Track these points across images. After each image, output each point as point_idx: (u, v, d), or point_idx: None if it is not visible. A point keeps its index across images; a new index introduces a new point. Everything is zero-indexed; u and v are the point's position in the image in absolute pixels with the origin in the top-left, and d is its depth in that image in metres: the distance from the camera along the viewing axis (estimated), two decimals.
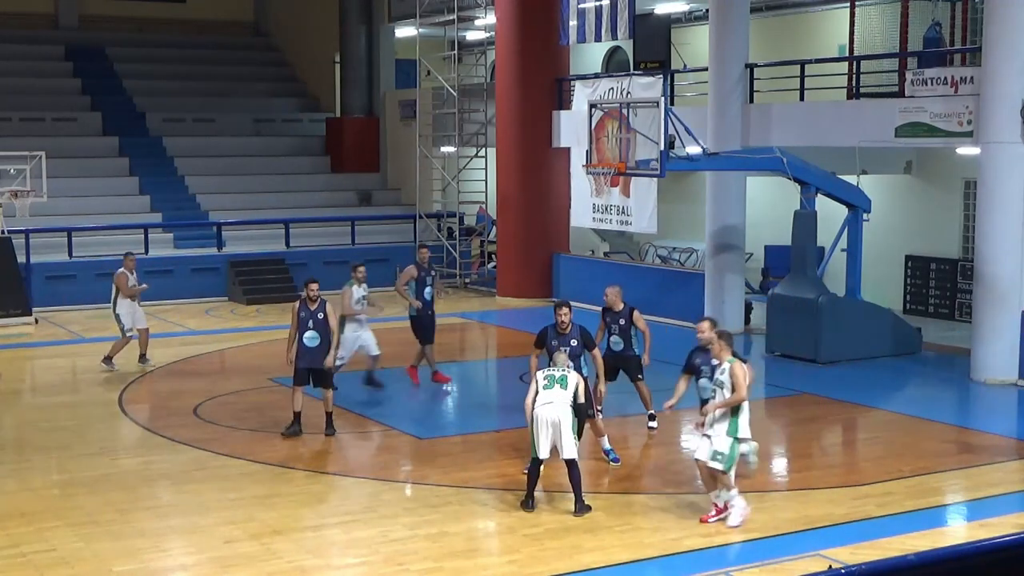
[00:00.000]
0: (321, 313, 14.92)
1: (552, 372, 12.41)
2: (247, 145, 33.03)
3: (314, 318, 14.92)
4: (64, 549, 11.17)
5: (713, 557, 10.95)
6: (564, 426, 12.10)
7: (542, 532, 11.61)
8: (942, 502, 12.96)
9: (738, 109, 21.98)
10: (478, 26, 31.19)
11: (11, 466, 14.02)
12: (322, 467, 13.83)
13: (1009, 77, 17.61)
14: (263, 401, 17.09)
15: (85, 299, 25.68)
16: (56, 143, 28.53)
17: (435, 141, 30.47)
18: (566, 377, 12.32)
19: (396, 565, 10.79)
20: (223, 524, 11.97)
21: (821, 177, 19.97)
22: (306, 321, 14.93)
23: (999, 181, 17.88)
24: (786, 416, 16.79)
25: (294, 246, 28.50)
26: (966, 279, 22.24)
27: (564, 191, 26.32)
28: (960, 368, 18.72)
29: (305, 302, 14.99)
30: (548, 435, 12.12)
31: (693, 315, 22.74)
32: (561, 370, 12.44)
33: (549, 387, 12.25)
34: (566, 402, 12.18)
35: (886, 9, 23.34)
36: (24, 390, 19.21)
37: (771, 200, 24.77)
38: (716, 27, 22.20)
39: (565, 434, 12.08)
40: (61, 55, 34.52)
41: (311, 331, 14.91)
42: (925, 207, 24.03)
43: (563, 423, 12.09)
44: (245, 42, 38.21)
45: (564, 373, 12.38)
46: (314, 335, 14.93)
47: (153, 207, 29.25)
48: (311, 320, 14.92)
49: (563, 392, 12.20)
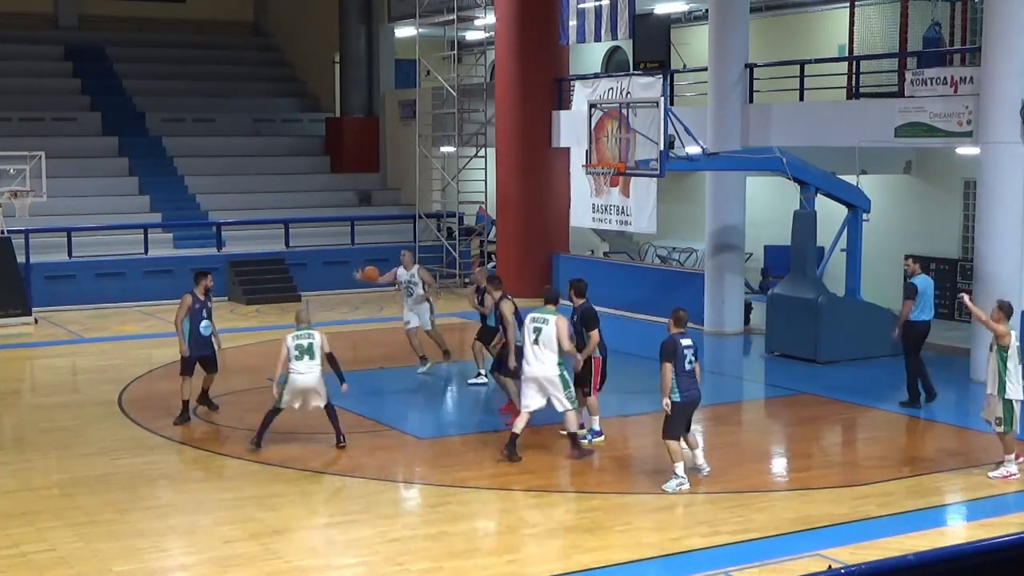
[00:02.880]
0: (211, 303, 16.05)
1: (536, 321, 13.93)
2: (247, 145, 33.03)
3: (207, 308, 15.91)
4: (64, 549, 11.18)
5: (713, 557, 10.95)
6: (553, 382, 13.70)
7: (542, 532, 11.61)
8: (942, 502, 12.95)
9: (738, 109, 21.98)
10: (478, 26, 31.19)
11: (11, 466, 14.02)
12: (321, 467, 13.82)
13: (1008, 77, 17.60)
14: (262, 401, 17.05)
15: (85, 299, 25.72)
16: (56, 143, 28.52)
17: (435, 141, 30.47)
18: (541, 328, 13.76)
19: (395, 565, 10.79)
20: (222, 524, 11.97)
21: (821, 177, 19.97)
22: (200, 311, 15.81)
23: (999, 181, 17.88)
24: (786, 416, 16.80)
25: (294, 246, 28.50)
26: (966, 279, 22.22)
27: (564, 191, 26.32)
28: (960, 368, 18.72)
29: (196, 293, 15.87)
30: (537, 391, 13.82)
31: (693, 316, 22.72)
32: (542, 319, 13.88)
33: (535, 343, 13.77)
34: (552, 360, 13.68)
35: (886, 9, 23.33)
36: (24, 390, 19.23)
37: (771, 200, 24.77)
38: (716, 27, 22.20)
39: (555, 390, 13.71)
40: (61, 55, 34.53)
41: (206, 320, 15.86)
42: (925, 207, 24.03)
43: (551, 379, 13.72)
44: (245, 42, 38.22)
45: (540, 324, 13.82)
46: (208, 324, 15.89)
47: (153, 207, 29.25)
48: (204, 310, 15.84)
49: (546, 351, 13.70)
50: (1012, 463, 13.26)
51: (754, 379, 19.81)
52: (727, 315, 22.46)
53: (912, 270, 16.89)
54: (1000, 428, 13.21)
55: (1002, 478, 13.19)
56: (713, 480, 13.56)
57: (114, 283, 26.22)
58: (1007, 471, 13.24)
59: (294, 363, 14.12)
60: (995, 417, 13.21)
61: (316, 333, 14.33)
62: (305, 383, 14.20)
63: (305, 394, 14.29)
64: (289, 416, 15.56)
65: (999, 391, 13.10)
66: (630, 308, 23.77)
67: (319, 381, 14.28)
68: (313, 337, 14.22)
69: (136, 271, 26.50)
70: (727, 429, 16.25)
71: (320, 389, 14.32)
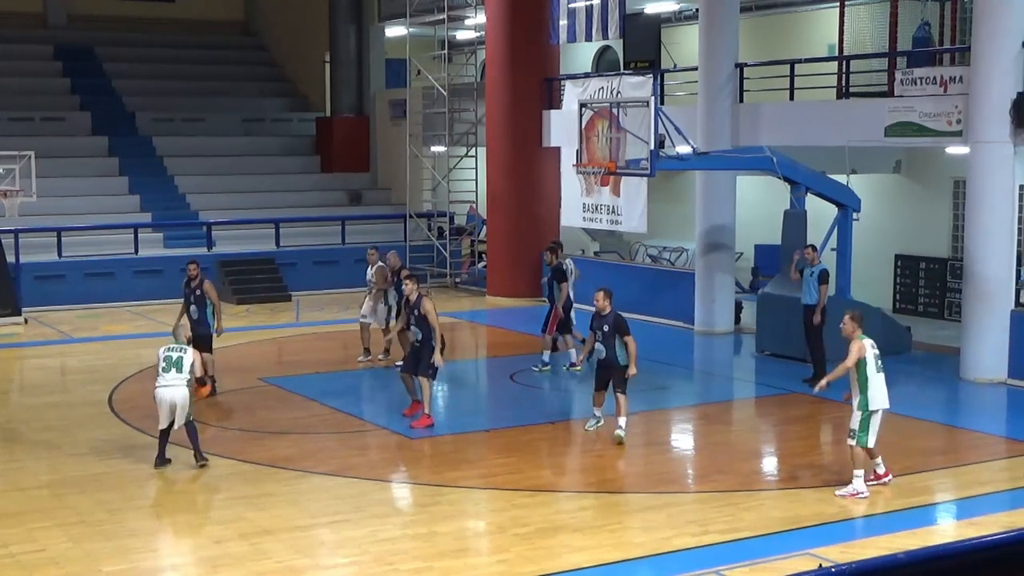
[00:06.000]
0: (199, 290, 17.10)
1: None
2: (237, 145, 32.97)
3: (194, 294, 17.04)
4: (54, 549, 11.15)
5: (703, 556, 10.95)
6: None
7: (532, 532, 11.61)
8: (931, 501, 12.98)
9: (728, 108, 21.99)
10: (468, 26, 31.19)
11: (0, 466, 13.98)
12: (311, 467, 13.80)
13: (998, 77, 17.64)
14: (253, 401, 17.07)
15: (74, 299, 25.68)
16: (45, 143, 28.43)
17: (425, 141, 30.45)
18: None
19: (386, 565, 10.78)
20: (213, 524, 11.97)
21: (811, 176, 20.00)
22: (188, 297, 17.14)
23: (988, 180, 17.92)
24: (776, 415, 16.82)
25: (284, 246, 28.46)
26: (955, 278, 22.28)
27: (554, 190, 26.33)
28: (949, 367, 18.77)
29: (188, 281, 17.25)
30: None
31: (684, 315, 22.90)
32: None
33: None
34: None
35: (875, 9, 23.36)
36: (13, 390, 19.18)
37: (761, 199, 24.78)
38: (706, 27, 22.21)
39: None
40: (50, 54, 34.43)
41: (193, 306, 17.08)
42: (914, 206, 24.07)
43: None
44: (235, 42, 38.14)
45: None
46: (195, 309, 17.09)
47: (143, 207, 29.19)
48: (192, 296, 17.07)
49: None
50: (862, 481, 12.52)
51: (744, 378, 19.83)
52: (717, 314, 22.48)
53: (812, 259, 18.09)
54: (852, 441, 12.50)
55: (850, 496, 12.46)
56: (703, 479, 13.60)
57: (104, 283, 26.18)
58: (855, 489, 12.50)
59: (160, 376, 13.72)
60: (850, 429, 12.54)
61: (190, 350, 13.94)
62: (169, 396, 13.64)
63: (172, 408, 13.66)
64: (279, 417, 15.55)
65: (860, 404, 12.49)
66: (620, 308, 23.59)
67: (184, 398, 13.66)
68: (185, 352, 13.83)
69: (126, 271, 26.45)
70: (717, 428, 16.27)
71: (184, 406, 13.67)
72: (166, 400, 13.66)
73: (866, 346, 12.64)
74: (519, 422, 16.18)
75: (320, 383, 18.27)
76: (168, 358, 13.79)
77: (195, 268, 17.45)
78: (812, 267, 18.09)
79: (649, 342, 20.88)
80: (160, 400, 13.71)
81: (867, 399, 12.51)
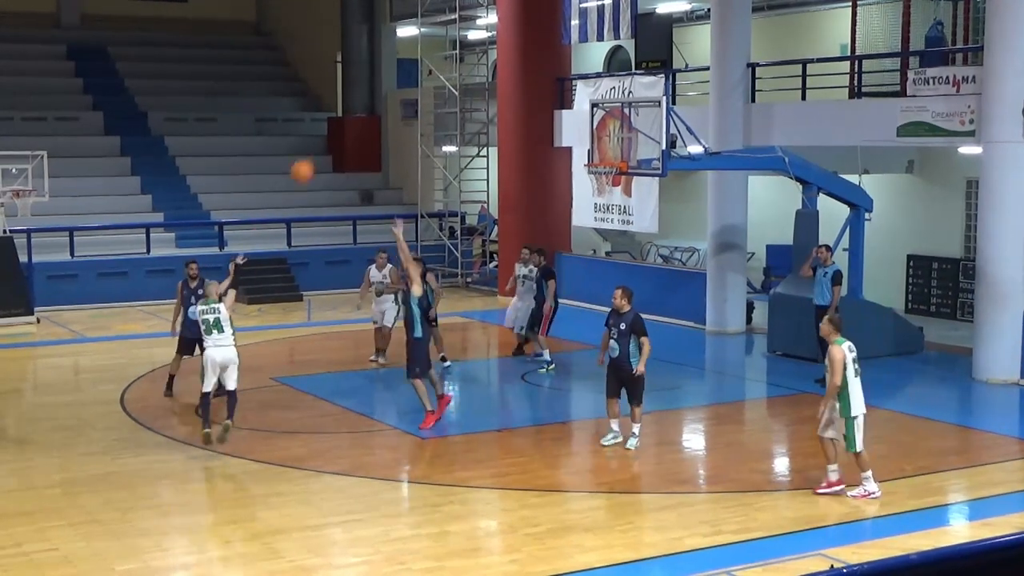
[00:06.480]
0: (201, 289, 16.52)
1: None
2: (249, 144, 33.01)
3: (196, 294, 16.68)
4: (66, 548, 11.17)
5: (715, 556, 10.93)
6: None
7: (544, 531, 11.60)
8: (944, 501, 12.95)
9: (740, 108, 21.96)
10: (480, 25, 31.19)
11: (13, 465, 14.02)
12: (323, 466, 13.80)
13: (1011, 76, 17.59)
14: (264, 400, 17.08)
15: (87, 299, 25.73)
16: (58, 143, 28.51)
17: (437, 140, 30.46)
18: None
19: (397, 564, 10.78)
20: (224, 523, 11.98)
21: (823, 176, 19.96)
22: (189, 298, 16.81)
23: (1001, 180, 17.87)
24: (788, 415, 16.78)
25: (296, 245, 28.49)
26: (968, 279, 22.21)
27: (566, 190, 26.32)
28: (962, 368, 18.71)
29: (187, 281, 17.12)
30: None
31: (695, 315, 22.87)
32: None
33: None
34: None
35: (888, 8, 23.33)
36: (26, 389, 19.23)
37: (773, 199, 24.76)
38: (718, 26, 22.18)
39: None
40: (63, 54, 34.52)
41: (195, 305, 16.38)
42: (927, 207, 24.01)
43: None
44: (247, 41, 38.19)
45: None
46: (195, 309, 16.51)
47: (155, 207, 29.24)
48: (193, 296, 16.72)
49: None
50: (871, 481, 12.50)
51: (756, 378, 19.80)
52: (729, 314, 22.45)
53: (825, 259, 18.12)
54: (849, 449, 12.44)
55: (862, 497, 12.45)
56: (715, 479, 13.58)
57: (116, 282, 26.22)
58: (866, 490, 12.48)
59: (206, 338, 14.35)
60: (841, 435, 12.44)
61: (221, 307, 14.46)
62: (220, 356, 14.26)
63: (222, 368, 14.30)
64: (291, 416, 15.57)
65: (842, 411, 12.39)
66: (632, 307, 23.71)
67: (234, 356, 14.37)
68: (219, 311, 14.38)
69: (138, 271, 26.49)
70: (729, 428, 16.25)
71: (233, 365, 14.34)
72: (216, 360, 14.17)
73: (845, 351, 12.48)
74: (530, 422, 16.17)
75: (332, 383, 18.29)
76: (206, 321, 14.35)
77: (196, 268, 17.56)
78: (825, 267, 18.06)
79: (661, 342, 20.79)
80: (209, 360, 14.22)
81: (848, 405, 12.41)
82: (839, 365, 12.32)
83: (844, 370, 12.35)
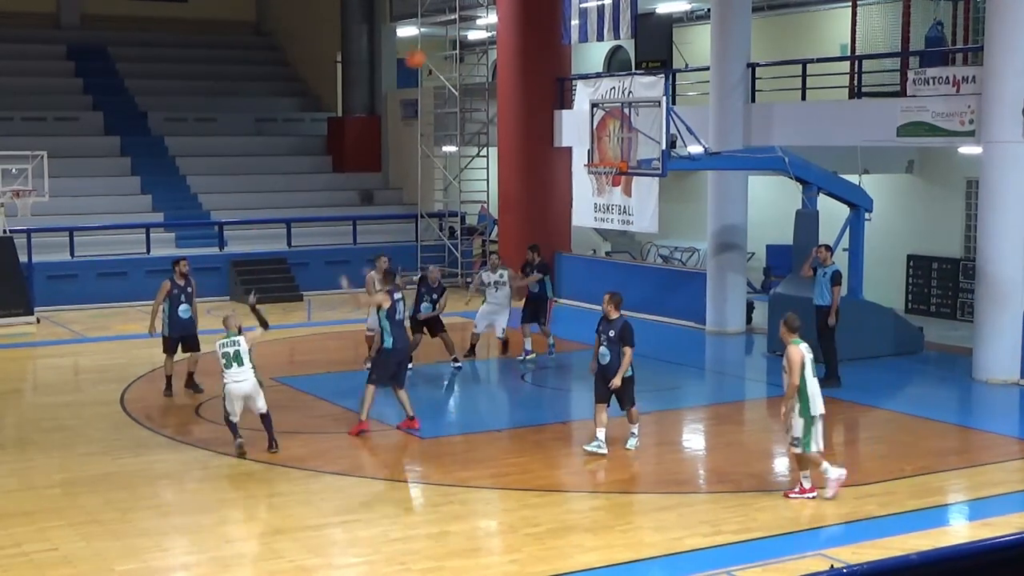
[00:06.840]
0: (190, 288, 16.95)
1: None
2: (249, 145, 33.02)
3: (185, 292, 16.89)
4: (66, 548, 11.17)
5: (715, 556, 10.94)
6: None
7: (544, 531, 11.60)
8: (944, 502, 12.95)
9: (740, 108, 21.96)
10: (480, 25, 31.19)
11: (13, 465, 14.02)
12: (323, 466, 13.80)
13: (1011, 76, 17.59)
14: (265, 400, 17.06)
15: (87, 299, 25.73)
16: (58, 143, 28.51)
17: (437, 140, 30.46)
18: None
19: (398, 564, 10.78)
20: (224, 523, 11.98)
21: (823, 176, 19.96)
22: (179, 296, 16.87)
23: (1001, 180, 17.87)
24: None
25: (296, 246, 28.50)
26: (968, 279, 22.21)
27: (565, 190, 26.32)
28: (962, 368, 18.72)
29: (175, 279, 16.96)
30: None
31: (695, 315, 22.87)
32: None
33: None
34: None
35: (888, 8, 23.33)
36: (26, 389, 19.23)
37: (773, 199, 24.76)
38: (718, 26, 22.18)
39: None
40: (63, 55, 34.52)
41: (184, 304, 16.94)
42: (927, 207, 24.01)
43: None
44: (247, 41, 38.20)
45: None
46: (187, 308, 17.03)
47: (155, 207, 29.24)
48: (183, 295, 16.86)
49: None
50: (808, 480, 12.47)
51: (756, 378, 19.78)
52: (729, 314, 22.45)
53: (825, 259, 18.07)
54: (797, 449, 12.41)
55: (801, 495, 12.42)
56: (715, 479, 13.57)
57: (116, 283, 26.21)
58: (802, 487, 12.47)
59: (225, 372, 14.03)
60: (793, 437, 12.41)
61: (241, 339, 14.13)
62: (241, 390, 14.05)
63: (245, 400, 14.12)
64: (291, 416, 15.57)
65: (802, 411, 12.35)
66: (632, 308, 23.54)
67: (254, 387, 14.12)
68: (239, 344, 14.07)
69: (138, 271, 26.46)
70: (729, 428, 16.25)
71: (256, 393, 14.15)
72: (238, 395, 14.02)
73: (803, 351, 12.50)
74: (530, 422, 16.17)
75: (332, 383, 18.28)
76: (226, 354, 14.02)
77: (187, 265, 17.40)
78: (825, 268, 18.06)
79: (660, 342, 20.88)
80: (231, 395, 14.02)
81: (808, 405, 12.38)
82: (797, 366, 12.36)
83: (802, 370, 12.35)
